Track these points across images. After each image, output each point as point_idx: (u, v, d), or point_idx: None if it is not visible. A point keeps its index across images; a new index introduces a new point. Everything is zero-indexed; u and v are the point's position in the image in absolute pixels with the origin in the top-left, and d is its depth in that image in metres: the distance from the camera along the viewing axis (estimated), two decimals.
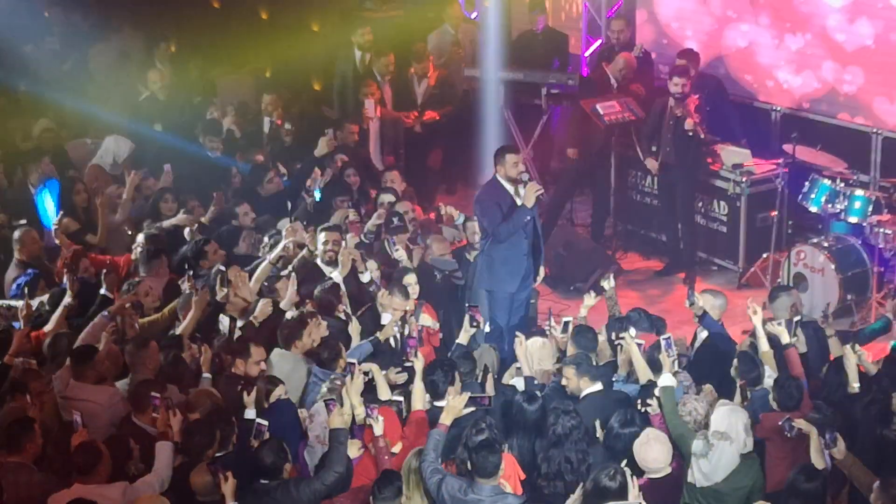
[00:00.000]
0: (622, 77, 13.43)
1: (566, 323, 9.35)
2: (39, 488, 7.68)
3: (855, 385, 8.40)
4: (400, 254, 10.56)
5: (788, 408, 8.09)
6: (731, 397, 8.57)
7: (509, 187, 10.23)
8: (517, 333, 9.24)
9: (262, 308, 9.64)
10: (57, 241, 10.92)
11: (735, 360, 8.68)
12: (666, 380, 8.30)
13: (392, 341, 9.53)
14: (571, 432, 7.83)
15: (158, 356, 8.91)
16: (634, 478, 7.35)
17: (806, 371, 8.85)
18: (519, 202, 10.17)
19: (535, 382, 8.80)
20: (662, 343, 8.60)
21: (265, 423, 7.99)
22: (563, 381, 8.54)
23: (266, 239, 10.94)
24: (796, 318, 9.10)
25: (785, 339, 8.75)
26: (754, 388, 8.53)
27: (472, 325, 9.31)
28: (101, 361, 8.83)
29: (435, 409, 8.24)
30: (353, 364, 8.34)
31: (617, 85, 13.46)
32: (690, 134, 12.24)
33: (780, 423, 7.84)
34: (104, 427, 8.38)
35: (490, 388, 8.74)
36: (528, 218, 10.23)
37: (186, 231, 11.07)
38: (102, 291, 9.90)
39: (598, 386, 8.50)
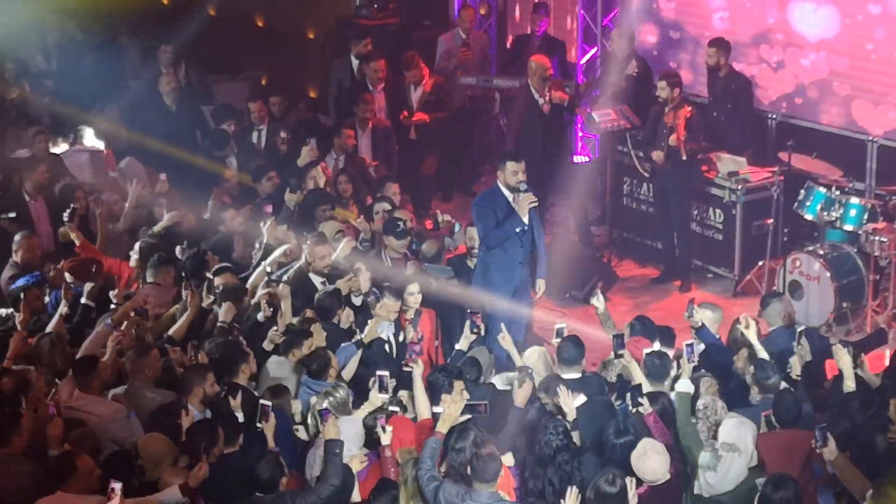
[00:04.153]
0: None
1: (559, 329, 9.28)
2: (28, 480, 7.66)
3: (850, 383, 8.34)
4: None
5: (785, 422, 7.95)
6: (730, 405, 8.55)
7: (508, 194, 10.21)
8: (501, 325, 9.28)
9: (227, 311, 9.51)
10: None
11: (751, 368, 8.56)
12: (683, 385, 8.26)
13: (387, 347, 9.52)
14: (556, 454, 7.74)
15: (159, 363, 8.89)
16: (632, 481, 7.36)
17: (810, 380, 8.83)
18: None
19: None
20: (685, 349, 8.57)
21: (269, 403, 8.00)
22: (548, 408, 8.31)
23: (256, 245, 10.89)
24: (800, 328, 9.09)
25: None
26: (767, 396, 8.36)
27: (472, 332, 9.25)
28: (104, 369, 8.81)
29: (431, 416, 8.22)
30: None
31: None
32: (674, 147, 12.20)
33: (815, 432, 7.55)
34: (104, 441, 8.25)
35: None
36: (519, 228, 10.14)
37: (178, 249, 10.90)
38: (83, 301, 9.89)
39: (581, 398, 8.33)
